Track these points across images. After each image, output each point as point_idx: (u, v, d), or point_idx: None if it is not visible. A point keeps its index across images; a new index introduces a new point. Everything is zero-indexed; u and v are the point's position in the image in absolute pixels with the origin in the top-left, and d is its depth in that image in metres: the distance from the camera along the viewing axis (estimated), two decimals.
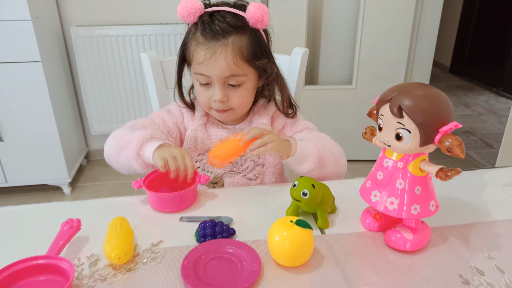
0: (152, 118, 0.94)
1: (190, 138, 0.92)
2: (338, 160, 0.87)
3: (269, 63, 0.87)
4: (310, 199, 0.65)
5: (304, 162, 0.81)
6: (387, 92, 0.59)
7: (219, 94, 0.84)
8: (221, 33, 0.81)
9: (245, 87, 0.86)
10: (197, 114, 0.95)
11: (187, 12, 0.82)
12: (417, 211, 0.60)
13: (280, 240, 0.58)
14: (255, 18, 0.82)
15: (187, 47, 0.87)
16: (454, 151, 0.54)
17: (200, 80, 0.86)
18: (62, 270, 0.55)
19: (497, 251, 0.63)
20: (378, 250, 0.64)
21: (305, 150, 0.81)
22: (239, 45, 0.82)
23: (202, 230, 0.64)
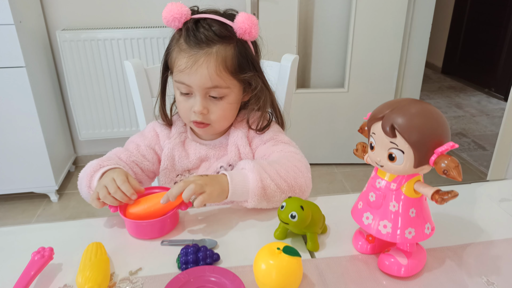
0: (127, 145, 0.90)
1: (167, 157, 0.88)
2: (293, 184, 0.75)
3: (255, 76, 0.83)
4: (299, 222, 0.61)
5: (247, 198, 0.72)
6: (379, 109, 0.56)
7: (199, 105, 0.80)
8: (205, 42, 0.77)
9: (228, 100, 0.82)
10: (174, 131, 0.90)
11: (172, 17, 0.78)
12: (412, 235, 0.57)
13: (266, 269, 0.54)
14: (242, 28, 0.78)
15: (169, 53, 0.83)
16: (450, 174, 0.50)
17: (181, 89, 0.81)
18: None
19: (496, 275, 0.60)
20: (371, 275, 0.60)
21: (245, 185, 0.72)
22: (223, 56, 0.78)
23: (184, 257, 0.60)
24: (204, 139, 0.92)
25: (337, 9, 2.18)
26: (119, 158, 0.84)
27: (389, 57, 2.21)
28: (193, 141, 0.91)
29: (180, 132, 0.90)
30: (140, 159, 0.86)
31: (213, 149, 0.89)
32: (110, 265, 0.61)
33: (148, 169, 0.88)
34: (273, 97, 0.90)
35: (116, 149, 0.88)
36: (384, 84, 2.26)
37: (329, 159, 2.47)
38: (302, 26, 2.21)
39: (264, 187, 0.72)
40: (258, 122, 0.88)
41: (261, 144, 0.88)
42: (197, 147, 0.89)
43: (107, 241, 0.66)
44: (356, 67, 2.22)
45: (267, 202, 0.74)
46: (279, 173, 0.74)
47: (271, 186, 0.73)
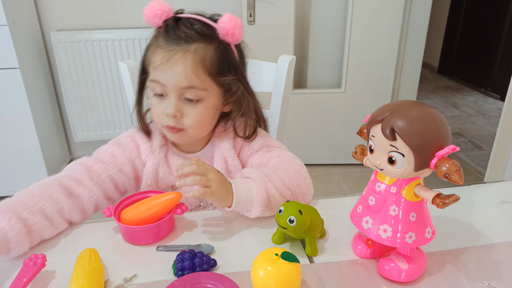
0: (98, 155, 0.80)
1: (150, 174, 0.81)
2: (296, 192, 0.74)
3: (235, 80, 0.78)
4: (298, 226, 0.60)
5: (251, 208, 0.70)
6: (378, 111, 0.55)
7: (173, 107, 0.74)
8: (184, 39, 0.73)
9: (205, 104, 0.76)
10: (155, 145, 0.83)
11: (153, 13, 0.74)
12: (412, 239, 0.56)
13: (264, 276, 0.53)
14: (225, 29, 0.74)
15: (147, 51, 0.78)
16: (452, 177, 0.49)
17: (155, 89, 0.76)
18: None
19: (497, 279, 0.59)
20: (370, 280, 0.59)
21: (250, 195, 0.69)
22: (202, 55, 0.74)
23: (180, 263, 0.59)
24: (186, 151, 0.85)
25: (333, 9, 2.18)
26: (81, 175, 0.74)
27: (386, 58, 2.20)
28: (175, 155, 0.84)
29: (161, 145, 0.83)
30: (116, 173, 0.78)
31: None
32: (104, 272, 0.59)
33: (122, 185, 0.80)
34: (256, 103, 0.85)
35: (82, 160, 0.78)
36: (381, 84, 2.26)
37: (326, 160, 2.46)
38: (298, 26, 2.20)
39: (269, 198, 0.70)
40: (245, 129, 0.84)
41: (254, 152, 0.84)
42: (180, 161, 0.82)
43: (101, 247, 0.65)
44: (353, 68, 2.21)
45: (270, 212, 0.72)
46: (283, 182, 0.72)
47: (276, 196, 0.71)
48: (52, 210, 0.68)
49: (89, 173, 0.75)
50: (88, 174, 0.75)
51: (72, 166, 0.77)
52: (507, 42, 3.51)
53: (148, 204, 0.68)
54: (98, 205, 0.76)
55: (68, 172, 0.75)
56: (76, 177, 0.74)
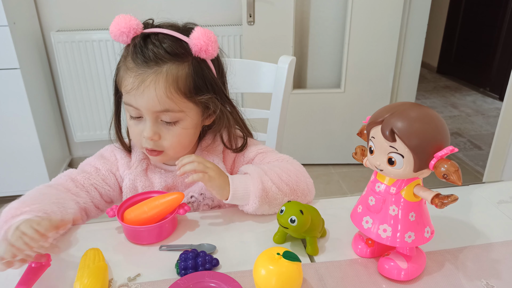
0: (83, 167, 0.81)
1: (128, 189, 0.80)
2: (295, 188, 0.74)
3: (212, 99, 0.75)
4: (299, 226, 0.61)
5: (248, 201, 0.71)
6: (378, 113, 0.55)
7: (149, 130, 0.72)
8: (154, 60, 0.69)
9: (182, 125, 0.73)
10: (134, 159, 0.82)
11: (119, 31, 0.70)
12: (412, 239, 0.57)
13: (266, 275, 0.54)
14: (198, 45, 0.70)
15: (117, 73, 0.75)
16: (450, 178, 0.50)
17: (130, 112, 0.73)
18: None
19: (495, 278, 0.60)
20: (370, 279, 0.60)
21: (246, 187, 0.70)
22: (175, 76, 0.70)
23: (183, 262, 0.60)
24: (168, 163, 0.83)
25: (333, 9, 2.18)
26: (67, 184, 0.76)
27: (385, 58, 2.21)
28: (157, 168, 0.83)
29: (140, 159, 0.82)
30: (100, 183, 0.79)
31: (180, 176, 0.77)
32: (108, 271, 0.60)
33: (107, 195, 0.80)
34: (236, 115, 0.83)
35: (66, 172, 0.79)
36: (380, 84, 2.27)
37: (326, 160, 2.47)
38: (298, 27, 2.21)
39: (266, 189, 0.70)
40: (232, 141, 0.83)
41: (249, 161, 0.84)
42: (162, 175, 0.81)
43: (104, 247, 0.66)
44: (352, 68, 2.22)
45: (268, 206, 0.72)
46: (280, 177, 0.73)
47: (273, 188, 0.71)
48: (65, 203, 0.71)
49: (73, 182, 0.76)
50: (73, 183, 0.76)
51: (58, 178, 0.78)
52: (505, 42, 3.52)
53: (151, 204, 0.69)
54: (87, 210, 0.77)
55: (55, 182, 0.77)
56: (62, 184, 0.75)
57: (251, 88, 1.13)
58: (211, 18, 2.24)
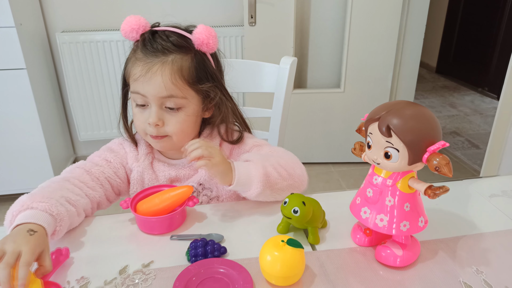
0: (93, 160, 0.85)
1: (136, 181, 0.85)
2: (292, 172, 0.78)
3: (213, 87, 0.81)
4: (301, 217, 0.65)
5: (251, 186, 0.74)
6: (375, 110, 0.60)
7: (154, 116, 0.77)
8: (161, 51, 0.77)
9: (185, 111, 0.80)
10: (141, 153, 0.87)
11: (130, 28, 0.78)
12: (407, 228, 0.61)
13: (271, 261, 0.58)
14: (200, 39, 0.78)
15: (126, 65, 0.81)
16: (442, 170, 0.54)
17: (136, 100, 0.79)
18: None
19: (485, 265, 0.64)
20: (368, 265, 0.64)
21: (249, 172, 0.74)
22: (179, 65, 0.77)
23: (193, 250, 0.64)
24: (171, 157, 0.89)
25: (333, 11, 2.22)
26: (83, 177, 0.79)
27: (384, 58, 2.25)
28: (161, 162, 0.88)
29: (146, 152, 0.87)
30: (112, 176, 0.83)
31: (182, 169, 0.87)
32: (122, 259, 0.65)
33: (117, 187, 0.85)
34: (234, 107, 0.89)
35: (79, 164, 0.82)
36: (379, 84, 2.30)
37: (326, 158, 2.51)
38: (298, 27, 2.24)
39: (267, 174, 0.74)
40: (228, 133, 0.88)
41: (246, 152, 0.87)
42: (166, 169, 0.87)
43: (118, 236, 0.70)
44: (352, 68, 2.26)
45: (270, 191, 0.75)
46: (279, 163, 0.77)
47: (273, 173, 0.75)
48: (75, 200, 0.73)
49: (89, 175, 0.80)
50: (89, 176, 0.80)
51: (71, 170, 0.80)
52: (503, 43, 3.56)
53: (162, 197, 0.73)
54: (100, 203, 0.81)
55: (70, 174, 0.79)
56: (79, 178, 0.78)
57: (254, 88, 1.16)
58: (213, 19, 2.28)
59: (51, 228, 0.65)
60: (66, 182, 0.76)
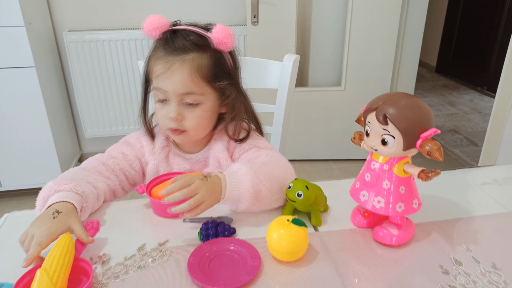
0: (110, 152, 0.90)
1: (151, 173, 0.90)
2: (283, 186, 0.78)
3: (229, 85, 0.85)
4: (304, 200, 0.70)
5: (239, 203, 0.74)
6: (373, 101, 0.65)
7: (174, 111, 0.82)
8: (181, 49, 0.80)
9: (203, 107, 0.84)
10: (157, 146, 0.92)
11: (152, 27, 0.81)
12: (402, 209, 0.66)
13: (277, 238, 0.63)
14: (218, 39, 0.81)
15: (148, 62, 0.86)
16: (433, 155, 0.60)
17: (158, 96, 0.83)
18: (83, 269, 0.60)
19: (474, 244, 0.69)
20: (367, 245, 0.70)
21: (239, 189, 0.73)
22: (198, 63, 0.81)
23: (205, 230, 0.69)
24: (187, 151, 0.93)
25: (333, 11, 2.27)
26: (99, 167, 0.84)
27: (384, 57, 2.29)
28: (176, 155, 0.93)
29: (163, 146, 0.92)
30: (127, 168, 0.88)
31: (196, 163, 0.92)
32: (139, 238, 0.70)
33: (132, 178, 0.90)
34: (248, 105, 0.92)
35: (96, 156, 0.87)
36: (379, 83, 2.35)
37: (327, 155, 2.55)
38: (300, 27, 2.29)
39: (256, 193, 0.74)
40: (235, 131, 0.90)
41: (244, 152, 0.91)
42: (181, 162, 0.91)
43: (135, 219, 0.76)
44: (352, 67, 2.30)
45: (257, 207, 0.76)
46: (270, 177, 0.76)
47: (263, 190, 0.74)
48: (95, 183, 0.79)
49: (105, 166, 0.86)
50: (105, 167, 0.86)
51: (89, 161, 0.86)
52: (502, 42, 3.61)
53: None
54: (115, 192, 0.87)
55: (87, 165, 0.85)
56: (95, 168, 0.84)
57: (257, 84, 1.21)
58: (216, 19, 2.32)
59: (79, 204, 0.72)
60: (84, 170, 0.83)
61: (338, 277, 0.62)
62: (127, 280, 0.62)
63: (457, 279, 0.61)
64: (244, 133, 0.92)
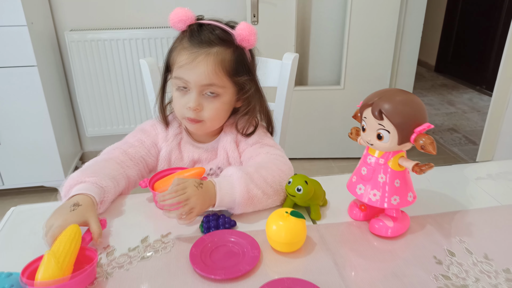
0: (128, 140, 0.93)
1: (164, 159, 0.94)
2: (278, 188, 0.79)
3: (249, 81, 0.88)
4: (304, 194, 0.72)
5: (233, 207, 0.76)
6: (369, 97, 0.67)
7: (194, 101, 0.84)
8: (207, 42, 0.83)
9: (222, 100, 0.87)
10: (170, 133, 0.95)
11: (179, 19, 0.85)
12: (397, 202, 0.68)
13: (276, 229, 0.65)
14: (241, 35, 0.85)
15: (171, 52, 0.88)
16: (427, 149, 0.62)
17: (178, 84, 0.86)
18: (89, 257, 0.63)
19: (467, 236, 0.71)
20: (363, 237, 0.72)
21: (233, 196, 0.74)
22: (222, 57, 0.84)
23: (206, 223, 0.72)
24: (198, 141, 0.96)
25: (333, 10, 2.28)
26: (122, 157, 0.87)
27: (383, 57, 2.31)
28: (188, 143, 0.96)
29: (176, 133, 0.95)
30: (146, 154, 0.92)
31: (205, 152, 0.95)
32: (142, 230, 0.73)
33: (151, 164, 0.94)
34: (263, 103, 0.95)
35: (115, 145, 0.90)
36: (378, 82, 2.36)
37: (326, 154, 2.58)
38: (299, 27, 2.31)
39: (250, 197, 0.75)
40: (244, 126, 0.93)
41: (248, 147, 0.93)
42: (191, 150, 0.95)
43: (139, 213, 0.78)
44: (351, 66, 2.32)
45: (252, 209, 0.77)
46: (265, 180, 0.78)
47: (258, 194, 0.76)
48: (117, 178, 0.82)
49: (127, 155, 0.89)
50: (127, 156, 0.89)
51: (111, 151, 0.89)
52: (501, 42, 3.62)
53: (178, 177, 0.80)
54: (136, 181, 0.90)
55: (110, 155, 0.87)
56: (119, 158, 0.87)
57: None
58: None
59: (100, 198, 0.75)
60: (107, 162, 0.85)
61: (335, 267, 0.64)
62: (131, 270, 0.64)
63: (450, 269, 0.64)
64: (252, 128, 0.95)
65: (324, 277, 0.62)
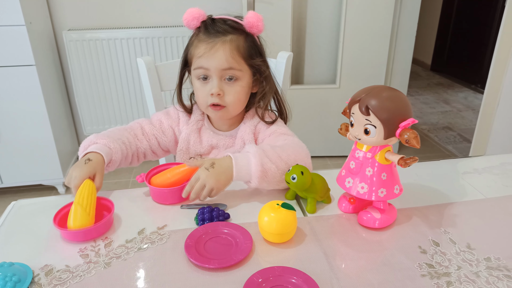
0: (152, 118, 1.04)
1: (183, 140, 1.01)
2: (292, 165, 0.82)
3: (263, 62, 0.96)
4: (297, 184, 0.75)
5: (250, 180, 0.81)
6: (357, 93, 0.70)
7: (216, 86, 0.91)
8: (222, 32, 0.92)
9: (240, 83, 0.93)
10: (192, 119, 1.03)
11: (192, 17, 0.93)
12: (384, 194, 0.71)
13: (268, 221, 0.68)
14: (251, 23, 0.93)
15: (189, 47, 0.96)
16: (411, 143, 0.64)
17: (199, 74, 0.93)
18: (105, 206, 0.79)
19: (451, 227, 0.74)
20: (352, 228, 0.75)
21: (248, 169, 0.80)
22: (236, 43, 0.92)
23: (201, 215, 0.74)
24: (218, 128, 1.03)
25: (328, 10, 2.31)
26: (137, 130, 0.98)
27: (378, 55, 2.34)
28: (208, 129, 1.03)
29: (197, 119, 1.03)
30: (160, 134, 1.01)
31: (224, 139, 1.01)
32: (139, 223, 0.76)
33: (164, 145, 1.02)
34: (276, 86, 1.01)
35: (140, 120, 1.02)
36: (373, 80, 2.38)
37: (322, 152, 2.60)
38: (295, 26, 2.33)
39: (265, 170, 0.80)
40: (263, 112, 1.00)
41: (266, 137, 0.99)
42: (210, 136, 1.01)
43: (136, 206, 0.81)
44: (347, 65, 2.35)
45: (267, 184, 0.82)
46: (280, 156, 0.83)
47: (272, 168, 0.80)
48: (128, 144, 0.94)
49: (142, 130, 0.99)
50: (141, 130, 0.99)
51: (133, 122, 1.01)
52: (496, 41, 3.66)
53: (173, 172, 0.84)
54: (145, 154, 1.00)
55: (129, 125, 1.00)
56: (134, 130, 0.98)
57: None
58: None
59: (108, 157, 0.86)
60: (124, 131, 0.97)
61: (324, 257, 0.67)
62: (129, 260, 0.66)
63: (434, 258, 0.66)
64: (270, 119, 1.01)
65: (313, 266, 0.65)
